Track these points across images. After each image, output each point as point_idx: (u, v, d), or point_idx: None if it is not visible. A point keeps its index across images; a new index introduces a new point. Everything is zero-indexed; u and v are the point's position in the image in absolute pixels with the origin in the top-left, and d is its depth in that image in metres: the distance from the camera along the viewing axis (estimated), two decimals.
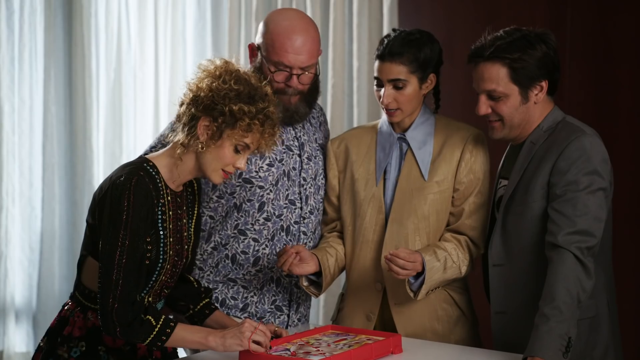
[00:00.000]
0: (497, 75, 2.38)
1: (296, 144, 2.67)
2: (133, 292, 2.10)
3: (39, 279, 4.88)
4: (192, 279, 2.46)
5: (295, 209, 2.65)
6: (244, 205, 2.61)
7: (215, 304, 2.52)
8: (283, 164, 2.63)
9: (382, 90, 2.53)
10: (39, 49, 4.85)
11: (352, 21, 4.19)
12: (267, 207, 2.62)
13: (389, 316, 2.60)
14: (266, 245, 2.63)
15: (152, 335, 2.10)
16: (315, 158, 2.71)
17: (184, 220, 2.29)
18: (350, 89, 4.23)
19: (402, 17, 4.08)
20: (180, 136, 2.17)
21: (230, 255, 2.63)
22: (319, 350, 2.24)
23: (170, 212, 2.22)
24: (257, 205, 2.61)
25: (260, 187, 2.60)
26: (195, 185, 2.36)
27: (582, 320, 2.30)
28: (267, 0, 4.39)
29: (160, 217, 2.18)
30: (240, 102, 2.13)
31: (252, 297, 2.65)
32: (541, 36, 2.40)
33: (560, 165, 2.32)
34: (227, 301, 2.65)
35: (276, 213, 2.63)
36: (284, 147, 2.64)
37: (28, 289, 4.91)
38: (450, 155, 2.56)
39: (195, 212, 2.35)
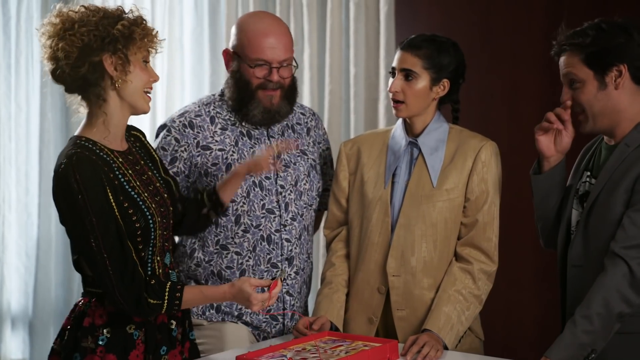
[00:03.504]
0: (572, 60, 2.34)
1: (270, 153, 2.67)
2: (127, 267, 2.08)
3: (35, 286, 4.86)
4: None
5: (274, 217, 2.65)
6: (220, 220, 2.61)
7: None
8: (251, 175, 2.62)
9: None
10: (36, 55, 4.83)
11: (349, 27, 4.19)
12: (244, 219, 2.62)
13: (392, 322, 2.59)
14: (249, 257, 2.63)
15: (164, 309, 2.13)
16: (295, 164, 2.71)
17: (149, 173, 2.26)
18: (347, 95, 4.23)
19: (399, 23, 4.08)
20: (88, 104, 2.18)
21: (215, 271, 2.63)
22: (315, 356, 2.23)
23: (130, 171, 2.19)
24: (233, 218, 2.61)
25: (232, 201, 2.60)
26: (139, 134, 2.35)
27: (636, 334, 2.25)
28: (265, 6, 4.39)
29: (122, 179, 2.15)
30: (116, 21, 2.13)
31: (245, 308, 2.63)
32: (620, 24, 2.34)
33: None
34: (222, 307, 2.64)
35: (253, 224, 2.63)
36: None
37: (24, 295, 4.89)
38: (462, 164, 2.55)
39: (156, 157, 2.34)
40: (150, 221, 2.17)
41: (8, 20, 4.82)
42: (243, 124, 2.65)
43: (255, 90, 2.60)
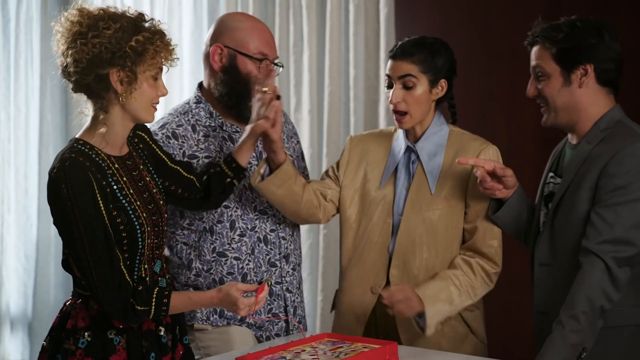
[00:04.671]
0: (542, 53, 2.37)
1: (254, 154, 2.67)
2: (113, 276, 2.08)
3: (34, 288, 4.87)
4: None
5: (267, 217, 2.65)
6: (215, 227, 2.61)
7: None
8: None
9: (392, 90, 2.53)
10: (35, 56, 4.85)
11: (349, 29, 4.20)
12: (238, 224, 2.61)
13: (393, 324, 2.57)
14: (249, 260, 2.63)
15: (151, 315, 2.13)
16: None
17: (147, 179, 2.25)
18: (347, 97, 4.23)
19: (398, 25, 4.08)
20: (93, 107, 2.16)
21: (217, 279, 2.61)
22: (315, 358, 2.23)
23: (125, 178, 2.17)
24: (228, 225, 2.61)
25: (226, 207, 2.60)
26: (144, 134, 2.32)
27: (625, 327, 2.26)
28: (264, 10, 4.40)
29: (115, 187, 2.13)
30: (131, 35, 2.10)
31: (232, 312, 2.60)
32: (595, 24, 2.35)
33: (610, 169, 2.25)
34: (225, 312, 2.63)
35: (249, 227, 2.62)
36: None
37: (23, 297, 4.90)
38: (462, 169, 2.54)
39: (162, 156, 2.33)
40: (139, 231, 2.15)
41: (7, 22, 4.83)
42: (224, 128, 2.64)
43: (253, 84, 2.59)
